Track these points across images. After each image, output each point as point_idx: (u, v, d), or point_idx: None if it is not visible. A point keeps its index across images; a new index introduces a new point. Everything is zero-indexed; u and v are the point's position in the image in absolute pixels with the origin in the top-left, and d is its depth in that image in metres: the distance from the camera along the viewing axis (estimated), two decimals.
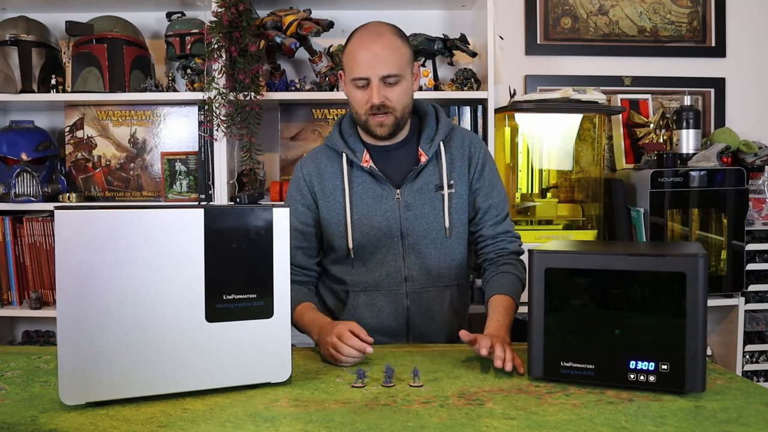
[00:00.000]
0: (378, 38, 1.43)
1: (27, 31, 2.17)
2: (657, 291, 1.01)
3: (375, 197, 1.51)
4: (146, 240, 0.96)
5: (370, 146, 1.54)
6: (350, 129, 1.56)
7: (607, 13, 2.57)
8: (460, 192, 1.52)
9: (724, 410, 0.95)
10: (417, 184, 1.51)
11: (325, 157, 1.56)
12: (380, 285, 1.50)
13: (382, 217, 1.49)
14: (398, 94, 1.45)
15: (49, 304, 2.21)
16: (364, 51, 1.42)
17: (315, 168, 1.56)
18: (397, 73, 1.43)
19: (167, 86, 2.23)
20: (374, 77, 1.42)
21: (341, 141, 1.54)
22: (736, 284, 2.24)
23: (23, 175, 2.18)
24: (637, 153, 2.51)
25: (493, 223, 1.54)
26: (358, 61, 1.43)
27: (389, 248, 1.49)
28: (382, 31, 1.45)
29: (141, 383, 0.97)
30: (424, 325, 1.51)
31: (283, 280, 1.05)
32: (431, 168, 1.52)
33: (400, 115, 1.47)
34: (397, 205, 1.49)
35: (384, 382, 1.07)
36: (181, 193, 2.27)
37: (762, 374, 2.37)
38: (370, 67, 1.41)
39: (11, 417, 0.92)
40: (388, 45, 1.43)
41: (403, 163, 1.53)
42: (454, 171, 1.53)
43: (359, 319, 1.51)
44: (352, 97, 1.48)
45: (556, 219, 2.29)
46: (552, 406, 0.97)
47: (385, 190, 1.50)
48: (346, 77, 1.48)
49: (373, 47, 1.42)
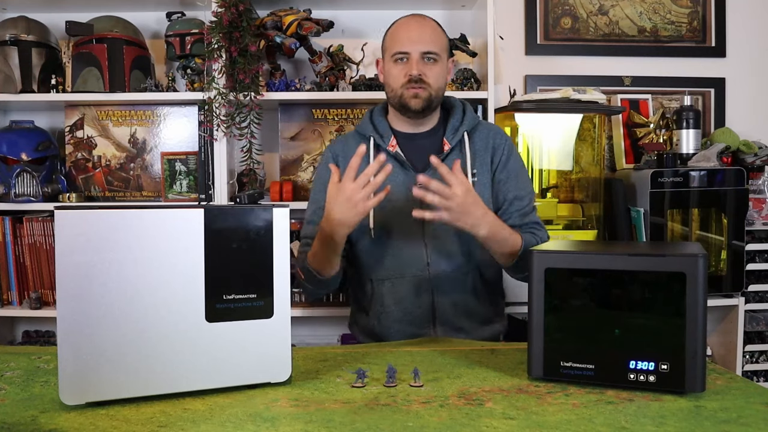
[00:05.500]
0: (421, 20, 1.56)
1: (27, 31, 2.17)
2: (657, 291, 1.01)
3: (398, 182, 1.55)
4: (146, 240, 0.96)
5: (398, 133, 1.59)
6: (380, 116, 1.63)
7: (607, 13, 2.57)
8: (483, 181, 1.55)
9: (724, 410, 0.95)
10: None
11: (353, 141, 1.62)
12: (403, 271, 1.52)
13: (404, 202, 1.51)
14: (435, 73, 1.52)
15: (49, 304, 2.21)
16: (407, 29, 1.54)
17: (342, 149, 1.62)
18: (436, 52, 1.52)
19: (167, 86, 2.23)
20: (414, 52, 1.51)
21: (371, 126, 1.61)
22: (736, 284, 2.24)
23: (23, 175, 2.18)
24: (637, 153, 2.51)
25: (520, 214, 1.56)
26: (400, 38, 1.53)
27: (410, 232, 1.52)
28: (424, 17, 1.58)
29: (141, 383, 0.97)
30: (450, 312, 1.52)
31: (283, 280, 1.05)
32: (454, 157, 1.56)
33: (435, 93, 1.53)
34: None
35: (386, 382, 1.07)
36: (181, 193, 2.28)
37: (762, 374, 2.37)
38: (411, 43, 1.51)
39: (11, 417, 0.92)
40: (429, 26, 1.54)
41: (428, 151, 1.56)
42: (477, 160, 1.56)
43: (384, 309, 1.54)
44: (390, 74, 1.55)
45: (556, 219, 2.29)
46: (552, 406, 0.97)
47: (408, 176, 1.54)
48: (386, 56, 1.56)
49: (416, 26, 1.54)
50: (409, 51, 1.51)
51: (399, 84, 1.52)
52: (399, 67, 1.53)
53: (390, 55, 1.54)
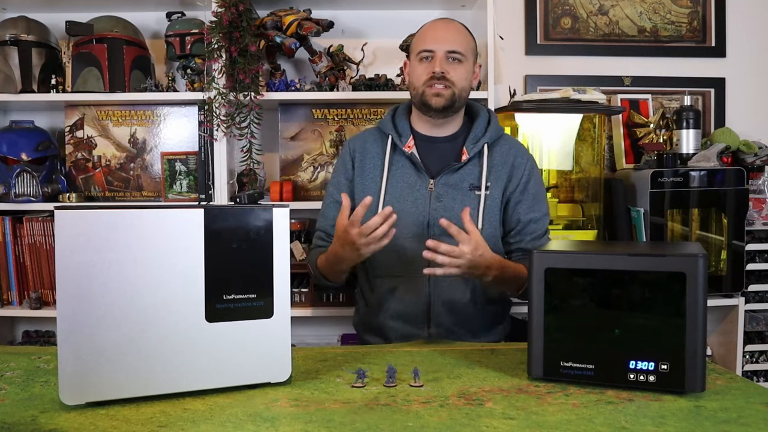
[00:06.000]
0: (448, 21, 1.60)
1: (27, 31, 2.17)
2: (657, 291, 1.01)
3: (410, 183, 1.56)
4: (146, 240, 0.96)
5: (417, 134, 1.59)
6: (403, 115, 1.64)
7: (607, 13, 2.57)
8: (494, 195, 1.55)
9: (724, 410, 0.95)
10: (453, 179, 1.54)
11: (372, 138, 1.64)
12: (403, 270, 1.53)
13: (412, 203, 1.54)
14: (459, 73, 1.54)
15: (49, 304, 2.21)
16: (434, 29, 1.56)
17: (360, 145, 1.63)
18: (461, 52, 1.53)
19: (167, 86, 2.23)
20: (439, 50, 1.52)
21: (391, 124, 1.62)
22: (736, 284, 2.24)
23: (23, 175, 2.18)
24: (637, 153, 2.51)
25: (533, 238, 1.58)
26: (426, 37, 1.55)
27: (415, 235, 1.52)
28: (453, 20, 1.61)
29: (141, 383, 0.97)
30: (445, 315, 1.53)
31: (283, 280, 1.05)
32: (471, 167, 1.56)
33: (458, 93, 1.54)
34: (429, 195, 1.53)
35: (386, 382, 1.07)
36: (181, 193, 2.28)
37: (762, 374, 2.37)
38: (437, 42, 1.53)
39: (11, 417, 0.92)
40: (455, 28, 1.57)
41: (445, 157, 1.57)
42: (492, 174, 1.56)
43: (383, 304, 1.56)
44: (414, 73, 1.57)
45: (556, 219, 2.29)
46: (552, 406, 0.97)
47: (420, 179, 1.55)
48: (412, 56, 1.58)
49: (443, 26, 1.57)
50: (434, 49, 1.52)
51: (422, 81, 1.53)
52: (424, 65, 1.53)
53: (415, 54, 1.56)
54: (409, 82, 1.59)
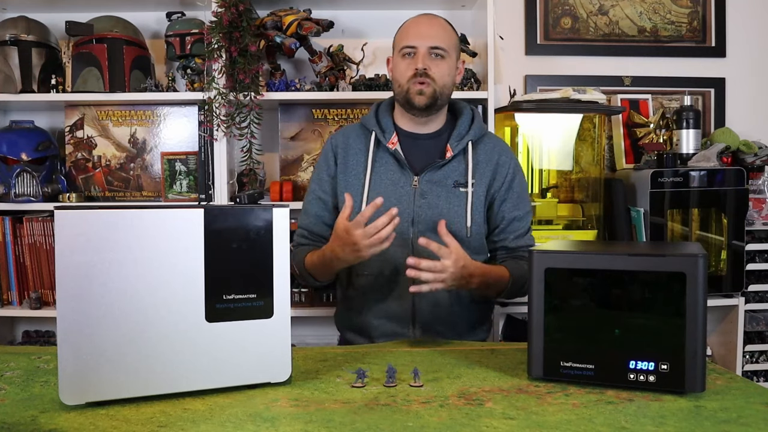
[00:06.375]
0: (430, 17, 1.58)
1: (27, 31, 2.17)
2: (657, 291, 1.01)
3: (393, 180, 1.55)
4: (146, 240, 0.96)
5: (401, 131, 1.58)
6: (386, 111, 1.63)
7: (607, 13, 2.57)
8: (479, 193, 1.56)
9: (724, 410, 0.95)
10: (437, 176, 1.54)
11: (355, 134, 1.62)
12: (388, 269, 1.53)
13: (396, 200, 1.53)
14: (441, 69, 1.53)
15: (49, 304, 2.21)
16: (416, 25, 1.55)
17: (343, 141, 1.62)
18: (443, 47, 1.52)
19: (167, 86, 2.23)
20: (422, 46, 1.52)
21: (374, 120, 1.61)
22: (736, 284, 2.24)
23: (23, 175, 2.18)
24: (637, 153, 2.51)
25: (516, 236, 1.58)
26: (409, 33, 1.54)
27: (399, 232, 1.51)
28: (435, 16, 1.59)
29: (141, 383, 0.97)
30: (429, 313, 1.52)
31: (283, 280, 1.05)
32: (455, 164, 1.56)
33: (440, 90, 1.53)
34: (413, 191, 1.53)
35: (386, 382, 1.07)
36: (181, 193, 2.28)
37: (762, 374, 2.37)
38: (419, 37, 1.52)
39: (11, 417, 0.92)
40: (438, 23, 1.56)
41: (429, 154, 1.57)
42: (477, 171, 1.55)
43: (366, 301, 1.55)
44: (397, 69, 1.56)
45: (556, 219, 2.29)
46: (552, 406, 0.97)
47: (404, 175, 1.55)
48: (395, 52, 1.57)
49: (425, 22, 1.56)
50: (416, 45, 1.51)
51: (405, 78, 1.52)
52: (406, 61, 1.53)
53: (398, 50, 1.55)
54: (392, 78, 1.58)
